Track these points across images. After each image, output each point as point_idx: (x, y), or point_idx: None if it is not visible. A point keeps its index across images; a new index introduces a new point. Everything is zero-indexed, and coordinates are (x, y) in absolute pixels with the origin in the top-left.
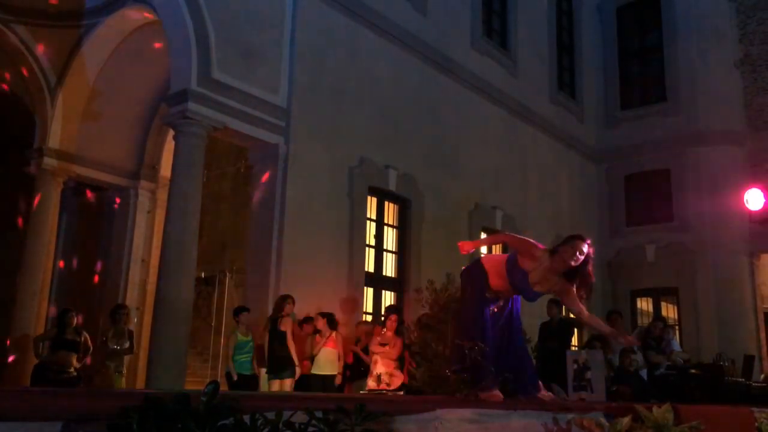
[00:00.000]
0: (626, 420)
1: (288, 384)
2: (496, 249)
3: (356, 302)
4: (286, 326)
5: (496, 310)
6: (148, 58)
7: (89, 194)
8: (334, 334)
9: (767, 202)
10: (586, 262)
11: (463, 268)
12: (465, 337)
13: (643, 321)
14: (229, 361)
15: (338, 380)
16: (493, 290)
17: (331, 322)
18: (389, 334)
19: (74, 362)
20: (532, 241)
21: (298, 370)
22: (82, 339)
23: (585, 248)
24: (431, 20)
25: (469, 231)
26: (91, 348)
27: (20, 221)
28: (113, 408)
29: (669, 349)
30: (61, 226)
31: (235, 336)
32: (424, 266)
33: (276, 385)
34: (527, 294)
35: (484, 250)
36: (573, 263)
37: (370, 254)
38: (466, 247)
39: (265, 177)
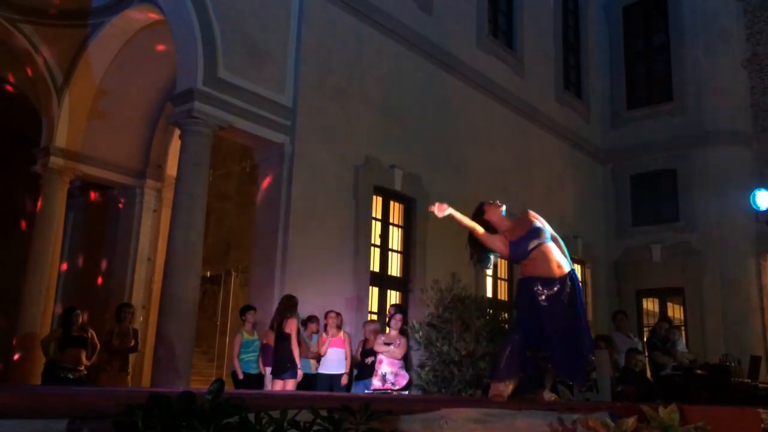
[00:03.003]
0: (632, 420)
1: (290, 384)
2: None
3: (361, 301)
4: (291, 328)
5: (565, 299)
6: (154, 57)
7: (95, 193)
8: (341, 333)
9: None
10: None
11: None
12: (531, 346)
13: (649, 321)
14: (234, 360)
15: (344, 380)
16: (552, 279)
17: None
18: (394, 333)
19: (84, 359)
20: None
21: (300, 372)
22: (89, 336)
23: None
24: (437, 19)
25: None
26: (98, 345)
27: (26, 220)
28: (118, 406)
29: (674, 349)
30: (67, 225)
31: (240, 335)
32: (430, 266)
33: (278, 385)
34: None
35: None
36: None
37: (376, 254)
38: (442, 209)
39: (271, 176)
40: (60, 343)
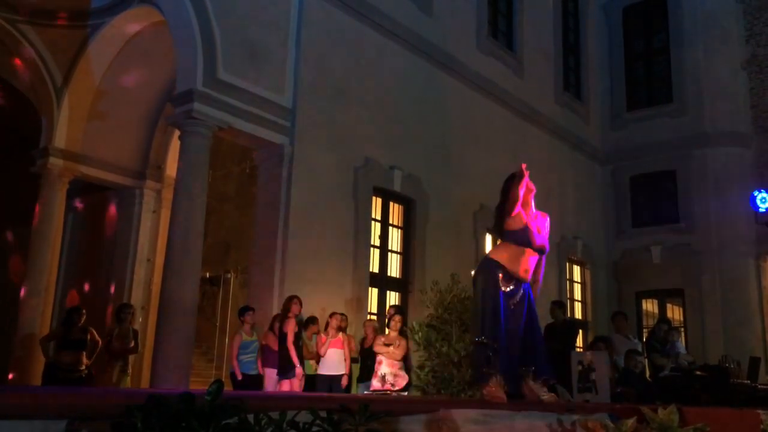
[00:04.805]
0: (631, 421)
1: (296, 384)
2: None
3: (361, 303)
4: (287, 327)
5: (513, 307)
6: (154, 58)
7: (94, 194)
8: (341, 334)
9: None
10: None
11: (473, 272)
12: (481, 333)
13: (648, 322)
14: (233, 361)
15: (345, 381)
16: (513, 276)
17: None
18: (393, 334)
19: (84, 360)
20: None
21: (298, 371)
22: (89, 337)
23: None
24: (437, 21)
25: (474, 232)
26: (100, 343)
27: (25, 221)
28: (117, 407)
29: (674, 351)
30: (67, 226)
31: (239, 336)
32: (429, 267)
33: (285, 386)
34: (541, 239)
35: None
36: (529, 187)
37: (375, 255)
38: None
39: (270, 177)
40: (59, 344)
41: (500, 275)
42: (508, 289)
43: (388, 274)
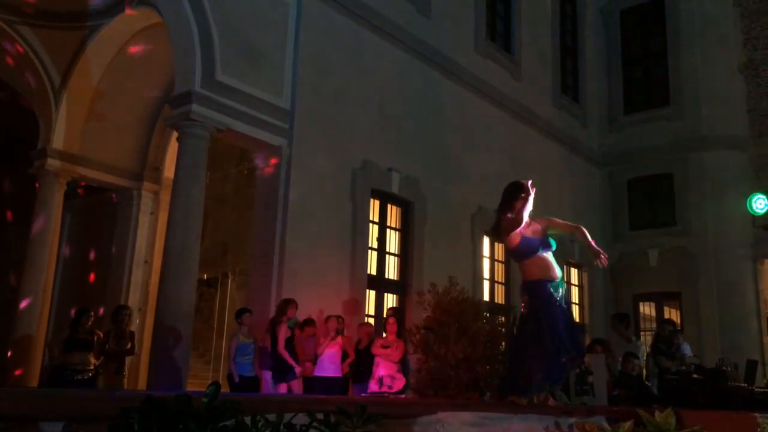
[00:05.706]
0: (628, 424)
1: (295, 385)
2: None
3: (358, 305)
4: (279, 333)
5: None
6: (152, 59)
7: (92, 195)
8: (339, 337)
9: None
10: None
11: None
12: (566, 351)
13: (646, 325)
14: (230, 363)
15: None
16: (551, 281)
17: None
18: (391, 336)
19: (92, 361)
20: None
21: (298, 370)
22: (95, 338)
23: (527, 189)
24: (435, 23)
25: (472, 234)
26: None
27: (23, 222)
28: (114, 409)
29: (680, 353)
30: (64, 227)
31: (237, 338)
32: (427, 269)
33: (283, 389)
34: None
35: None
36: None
37: (373, 257)
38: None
39: (268, 179)
40: (65, 345)
41: (551, 290)
42: (558, 294)
43: (386, 276)
